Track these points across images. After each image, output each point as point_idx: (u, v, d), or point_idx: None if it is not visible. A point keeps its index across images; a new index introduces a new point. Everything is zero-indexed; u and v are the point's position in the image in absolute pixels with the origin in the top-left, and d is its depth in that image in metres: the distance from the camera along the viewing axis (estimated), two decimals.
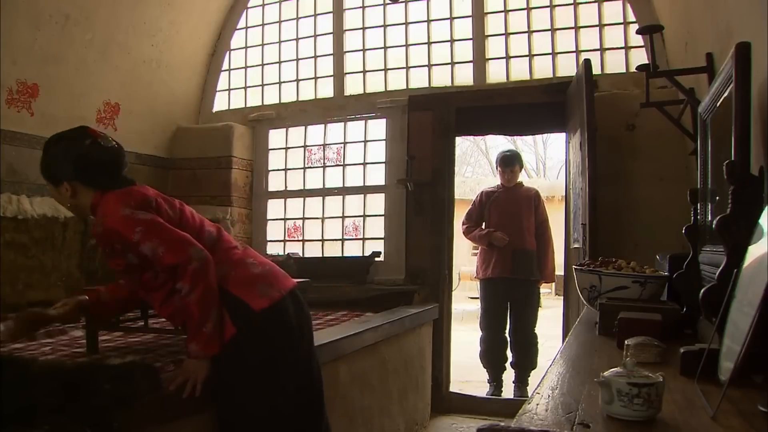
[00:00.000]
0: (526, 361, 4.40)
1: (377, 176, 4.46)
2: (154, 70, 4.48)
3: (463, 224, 4.58)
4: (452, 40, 4.32)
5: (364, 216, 4.49)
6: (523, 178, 4.90)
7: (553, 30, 4.04)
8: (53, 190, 1.93)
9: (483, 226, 4.52)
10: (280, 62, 4.81)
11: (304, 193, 4.68)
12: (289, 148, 4.74)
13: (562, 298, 4.35)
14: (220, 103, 4.99)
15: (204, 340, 1.74)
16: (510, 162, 4.52)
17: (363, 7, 4.56)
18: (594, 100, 3.18)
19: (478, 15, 4.24)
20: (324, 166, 4.66)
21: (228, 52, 4.97)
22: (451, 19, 4.34)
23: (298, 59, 4.75)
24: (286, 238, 4.79)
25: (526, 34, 4.11)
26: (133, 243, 1.75)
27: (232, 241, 2.00)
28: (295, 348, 1.93)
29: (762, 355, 1.07)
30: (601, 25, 3.90)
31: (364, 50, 4.55)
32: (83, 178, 1.88)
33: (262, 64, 4.87)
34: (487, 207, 4.52)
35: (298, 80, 4.75)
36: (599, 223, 3.13)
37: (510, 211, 4.43)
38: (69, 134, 1.93)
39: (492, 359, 4.44)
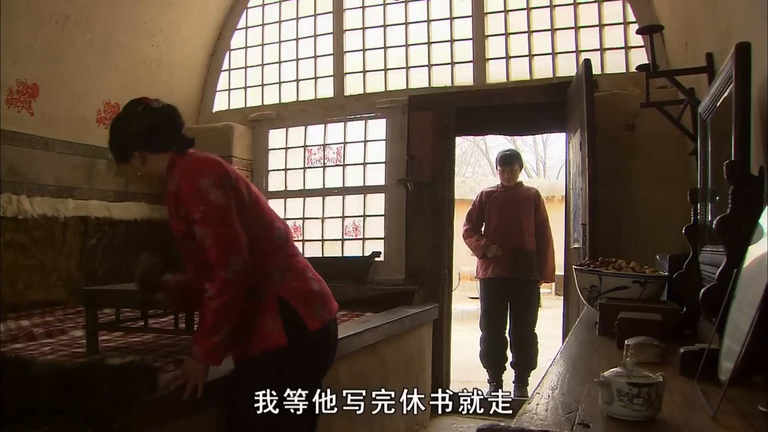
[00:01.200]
0: (526, 361, 4.39)
1: (377, 176, 4.46)
2: (154, 70, 4.48)
3: (463, 226, 4.58)
4: (452, 40, 4.32)
5: (364, 216, 4.49)
6: (523, 178, 4.90)
7: (553, 30, 4.04)
8: (127, 167, 1.89)
9: (483, 228, 4.53)
10: (280, 62, 4.81)
11: (304, 193, 4.68)
12: (289, 148, 4.74)
13: (562, 298, 4.35)
14: (220, 103, 4.99)
15: (207, 348, 1.69)
16: (509, 161, 4.52)
17: (363, 7, 4.56)
18: (594, 100, 3.18)
19: (478, 15, 4.24)
20: (324, 166, 4.66)
21: (228, 52, 4.97)
22: (451, 19, 4.34)
23: (298, 59, 4.75)
24: None
25: (526, 34, 4.11)
26: (191, 219, 1.72)
27: (295, 248, 1.94)
28: (326, 371, 1.93)
29: (762, 355, 1.07)
30: (601, 25, 3.90)
31: (364, 50, 4.55)
32: (146, 143, 1.82)
33: (262, 64, 4.87)
34: (486, 207, 4.51)
35: (298, 80, 4.75)
36: (599, 223, 3.12)
37: (510, 211, 4.43)
38: (123, 109, 1.92)
39: (492, 359, 4.44)
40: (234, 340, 1.77)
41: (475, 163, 19.50)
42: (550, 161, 19.85)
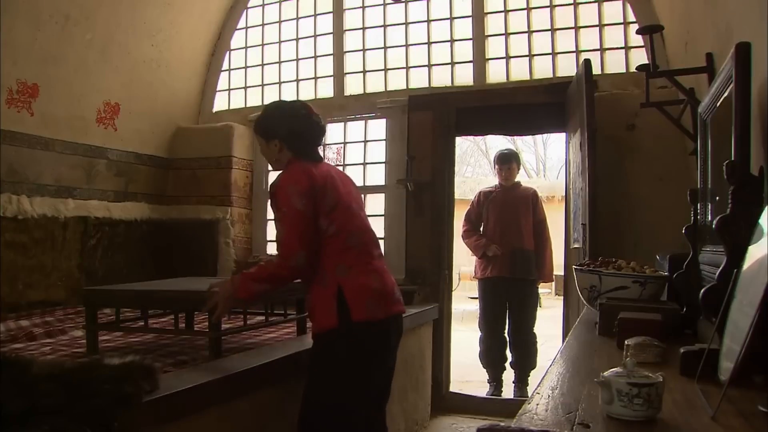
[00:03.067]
0: (525, 361, 4.39)
1: (377, 176, 4.46)
2: (154, 70, 4.48)
3: (462, 226, 4.58)
4: (452, 40, 4.32)
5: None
6: (523, 178, 4.91)
7: (553, 30, 4.04)
8: (263, 145, 2.25)
9: (482, 228, 4.53)
10: (280, 62, 4.81)
11: None
12: None
13: (562, 298, 4.35)
14: (220, 103, 4.99)
15: (245, 285, 2.07)
16: (507, 159, 4.52)
17: (363, 7, 4.56)
18: (594, 100, 3.18)
19: (478, 15, 4.24)
20: None
21: (228, 52, 4.97)
22: (451, 19, 4.34)
23: (298, 59, 4.75)
24: None
25: (526, 34, 4.11)
26: (276, 214, 2.13)
27: (372, 250, 2.21)
28: (374, 363, 2.13)
29: (762, 356, 1.07)
30: (601, 25, 3.90)
31: (364, 50, 4.55)
32: (289, 140, 2.19)
33: (262, 64, 4.87)
34: (485, 207, 4.52)
35: (298, 80, 4.75)
36: (599, 223, 3.12)
37: (508, 211, 4.43)
38: (290, 104, 2.35)
39: (491, 359, 4.44)
40: (311, 318, 2.17)
41: (475, 163, 19.50)
42: (550, 161, 19.86)
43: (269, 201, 2.30)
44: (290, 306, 2.89)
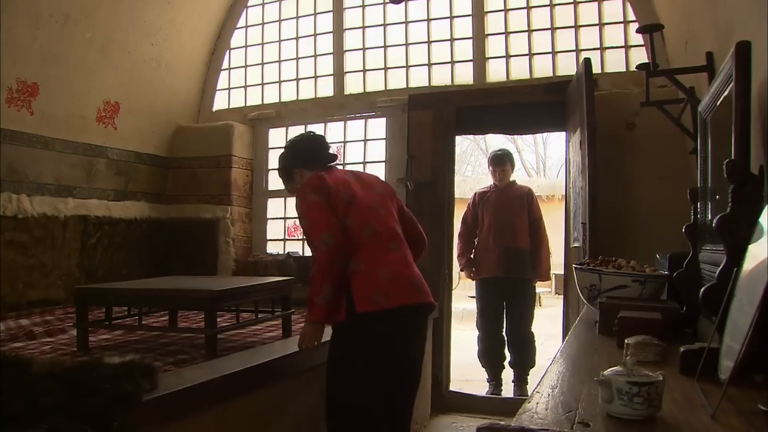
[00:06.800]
0: (524, 360, 4.39)
1: (377, 175, 4.45)
2: (154, 69, 4.48)
3: (459, 228, 4.58)
4: (452, 39, 4.32)
5: None
6: (523, 177, 4.91)
7: (553, 29, 4.04)
8: (293, 184, 2.47)
9: (477, 230, 4.53)
10: (280, 61, 4.81)
11: None
12: None
13: (562, 297, 4.34)
14: (220, 102, 4.99)
15: (312, 306, 2.12)
16: (501, 161, 4.52)
17: (363, 6, 4.56)
18: (594, 99, 3.18)
19: (478, 14, 4.24)
20: None
21: (228, 51, 4.96)
22: (451, 18, 4.34)
23: (298, 58, 4.75)
24: (286, 237, 4.80)
25: (526, 33, 4.11)
26: (300, 214, 2.25)
27: (389, 244, 2.25)
28: (376, 359, 2.14)
29: (762, 354, 1.07)
30: (601, 24, 3.90)
31: (364, 49, 4.55)
32: (304, 162, 2.43)
33: (262, 63, 4.86)
34: (480, 207, 4.52)
35: (298, 79, 4.75)
36: (599, 222, 3.12)
37: (502, 211, 4.42)
38: (295, 137, 2.60)
39: (490, 358, 4.44)
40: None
41: (475, 162, 19.46)
42: (550, 160, 19.81)
43: (298, 221, 2.43)
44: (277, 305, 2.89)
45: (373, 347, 2.14)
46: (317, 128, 4.63)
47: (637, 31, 3.00)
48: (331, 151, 2.49)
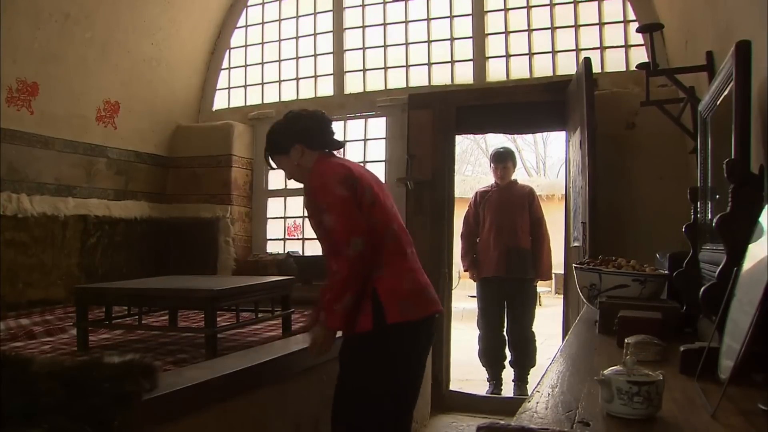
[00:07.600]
0: (524, 360, 4.39)
1: (377, 175, 4.45)
2: (154, 69, 4.47)
3: (461, 228, 4.58)
4: (452, 39, 4.32)
5: None
6: (523, 176, 4.91)
7: (553, 28, 4.03)
8: (283, 160, 2.19)
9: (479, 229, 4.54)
10: (280, 60, 4.81)
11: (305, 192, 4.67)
12: None
13: (562, 296, 4.34)
14: (220, 102, 4.99)
15: (330, 313, 1.96)
16: (502, 158, 4.52)
17: (363, 6, 4.56)
18: (594, 99, 3.18)
19: (478, 13, 4.23)
20: None
21: (228, 51, 4.96)
22: (451, 17, 4.34)
23: (298, 57, 4.75)
24: (286, 237, 4.80)
25: (526, 33, 4.10)
26: (321, 209, 2.00)
27: (407, 248, 2.15)
28: (409, 363, 2.08)
29: (762, 354, 1.07)
30: (601, 24, 3.90)
31: (364, 49, 4.55)
32: (306, 139, 2.15)
33: (262, 63, 4.86)
34: (481, 207, 4.52)
35: (298, 79, 4.74)
36: (599, 222, 3.12)
37: (503, 210, 4.42)
38: (290, 112, 2.26)
39: (490, 358, 4.45)
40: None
41: (476, 162, 19.46)
42: (550, 160, 19.82)
43: (306, 208, 2.24)
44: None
45: (401, 358, 2.05)
46: None
47: (637, 30, 3.00)
48: (336, 137, 2.25)
